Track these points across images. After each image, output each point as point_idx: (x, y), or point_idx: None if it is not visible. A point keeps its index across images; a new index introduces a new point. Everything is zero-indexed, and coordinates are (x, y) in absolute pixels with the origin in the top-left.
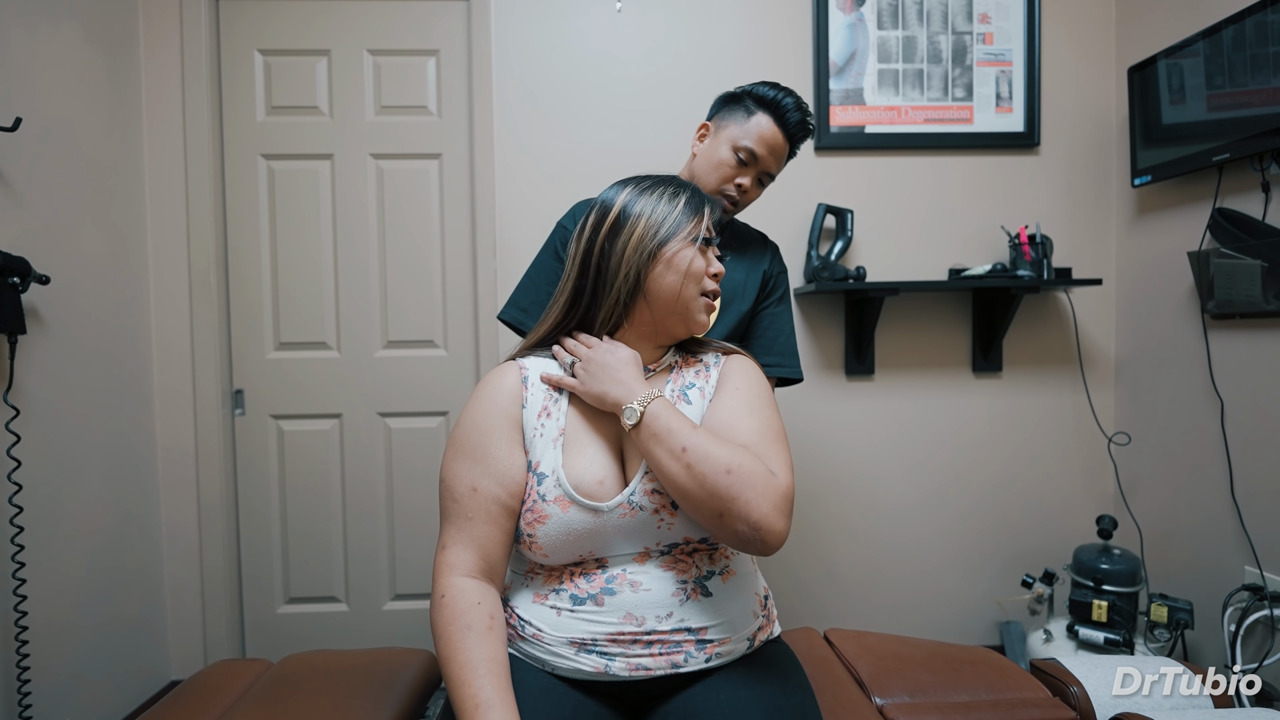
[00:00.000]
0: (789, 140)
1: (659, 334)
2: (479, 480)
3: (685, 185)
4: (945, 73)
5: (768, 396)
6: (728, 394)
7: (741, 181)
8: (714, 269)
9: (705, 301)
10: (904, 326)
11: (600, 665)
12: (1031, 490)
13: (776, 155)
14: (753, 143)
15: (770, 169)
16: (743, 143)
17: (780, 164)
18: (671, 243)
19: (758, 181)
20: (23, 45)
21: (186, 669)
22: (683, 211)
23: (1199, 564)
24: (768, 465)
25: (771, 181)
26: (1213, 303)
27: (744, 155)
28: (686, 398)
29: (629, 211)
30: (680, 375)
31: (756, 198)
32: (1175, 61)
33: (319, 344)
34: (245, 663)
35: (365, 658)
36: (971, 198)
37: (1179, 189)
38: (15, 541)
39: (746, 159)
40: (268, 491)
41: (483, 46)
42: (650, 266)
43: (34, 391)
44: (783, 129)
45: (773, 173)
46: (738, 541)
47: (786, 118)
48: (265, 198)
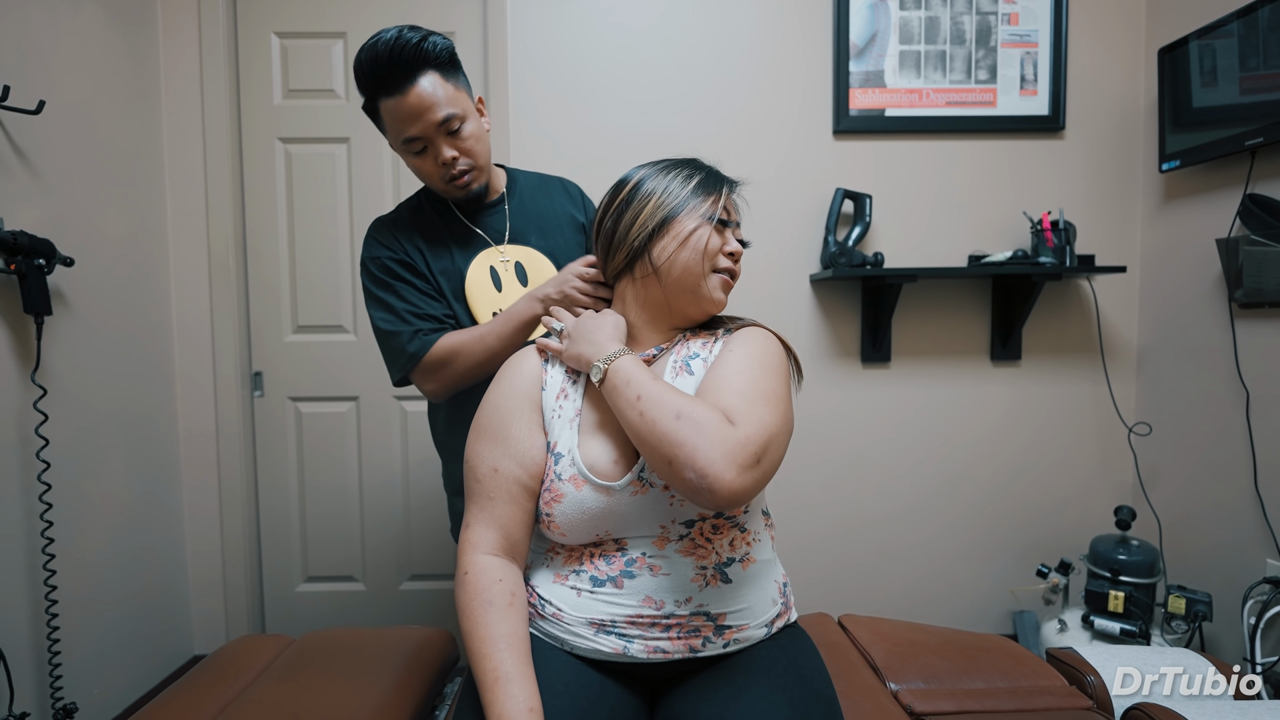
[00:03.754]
0: (408, 74)
1: (673, 314)
2: (500, 461)
3: (703, 167)
4: (968, 54)
5: (766, 360)
6: (723, 356)
7: (444, 159)
8: (730, 247)
9: (721, 279)
10: (921, 314)
11: (619, 646)
12: (1048, 480)
13: (425, 106)
14: (404, 130)
15: (440, 118)
16: (399, 139)
17: (443, 99)
18: (680, 218)
19: (451, 135)
20: (44, 28)
21: (209, 644)
22: (695, 189)
23: (1219, 556)
24: (729, 415)
25: (465, 118)
26: (1241, 291)
27: (414, 146)
28: (689, 368)
29: (639, 189)
30: (686, 346)
31: (478, 139)
32: (1207, 42)
33: (336, 327)
34: (268, 638)
35: (385, 635)
36: (993, 183)
37: (1208, 174)
38: (44, 518)
39: (420, 145)
40: (286, 472)
41: (498, 28)
42: (655, 240)
43: (60, 372)
44: (395, 84)
45: (447, 116)
46: (687, 490)
47: (381, 71)
48: (283, 181)
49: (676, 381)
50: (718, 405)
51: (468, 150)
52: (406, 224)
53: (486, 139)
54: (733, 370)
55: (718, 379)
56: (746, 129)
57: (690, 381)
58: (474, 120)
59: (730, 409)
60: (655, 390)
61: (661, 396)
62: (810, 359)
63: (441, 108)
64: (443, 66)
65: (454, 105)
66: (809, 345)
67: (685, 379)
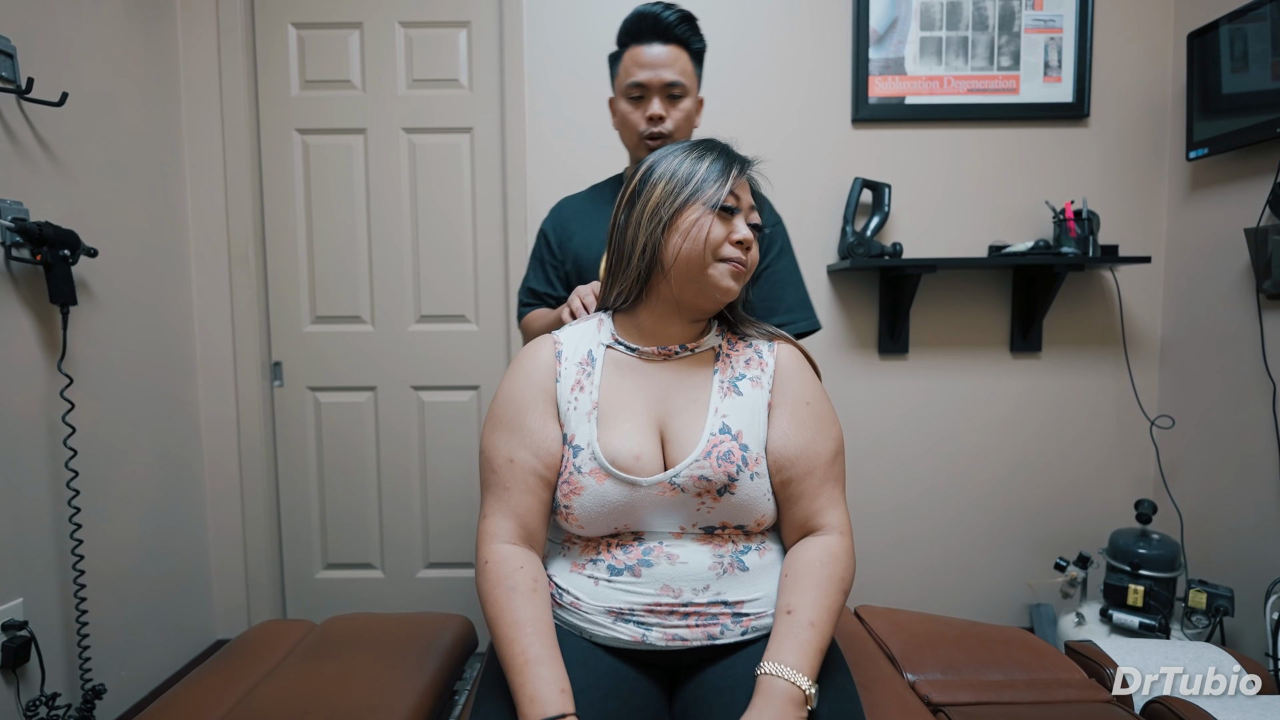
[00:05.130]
0: (662, 38)
1: (681, 309)
2: (515, 452)
3: (715, 147)
4: (991, 40)
5: (825, 397)
6: (797, 408)
7: (652, 113)
8: (737, 235)
9: (730, 267)
10: (940, 305)
11: (637, 634)
12: (1067, 474)
13: (662, 64)
14: (633, 74)
15: (668, 80)
16: (625, 82)
17: (677, 67)
18: (688, 209)
19: (670, 100)
20: (67, 20)
21: (232, 629)
22: (705, 175)
23: (1242, 551)
24: (840, 536)
25: (686, 94)
26: (1269, 282)
27: (634, 91)
28: (737, 389)
29: (647, 178)
30: (729, 365)
31: (687, 119)
32: (1239, 27)
33: (354, 318)
34: (291, 623)
35: (406, 621)
36: (1015, 172)
37: (1237, 162)
38: (71, 504)
39: (639, 93)
40: (306, 461)
41: (514, 17)
42: (666, 236)
43: (86, 361)
44: (647, 38)
45: (674, 81)
46: None
47: (643, 26)
48: (300, 172)
49: (725, 403)
50: (816, 517)
51: (681, 120)
52: (576, 205)
53: (690, 128)
54: (817, 432)
55: (807, 445)
56: (764, 117)
57: (740, 402)
58: (692, 101)
59: (832, 523)
60: (822, 619)
61: (831, 608)
62: (827, 351)
63: (674, 72)
64: (692, 52)
65: (685, 78)
66: (826, 337)
67: (735, 399)
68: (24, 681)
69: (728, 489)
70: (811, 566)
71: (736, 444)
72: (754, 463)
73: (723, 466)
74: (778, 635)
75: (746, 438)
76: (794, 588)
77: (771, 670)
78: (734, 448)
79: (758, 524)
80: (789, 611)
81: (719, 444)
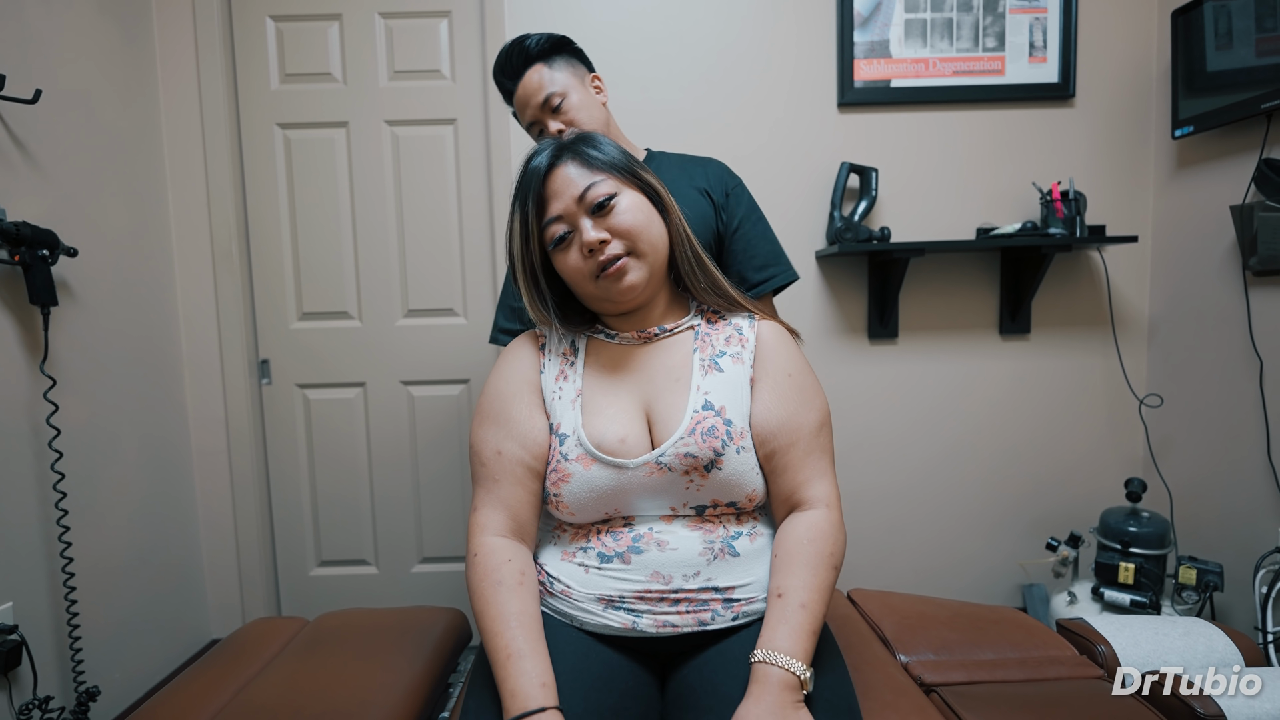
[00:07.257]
0: (516, 75)
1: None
2: (503, 444)
3: (521, 184)
4: (976, 21)
5: (808, 369)
6: (779, 380)
7: (548, 131)
8: (586, 238)
9: (608, 277)
10: (929, 288)
11: (628, 622)
12: (1057, 454)
13: (530, 93)
14: (521, 119)
15: (541, 100)
16: (523, 124)
17: (542, 85)
18: (545, 258)
19: (553, 113)
20: (39, 16)
21: (225, 628)
22: (521, 230)
23: (1231, 527)
24: (828, 510)
25: (565, 94)
26: (1255, 259)
27: (531, 131)
28: (718, 366)
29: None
30: (708, 343)
31: (580, 115)
32: (1222, 3)
33: (341, 314)
34: (284, 620)
35: (399, 616)
36: (1002, 153)
37: (1222, 140)
38: (59, 506)
39: (533, 130)
40: (296, 459)
41: (495, 6)
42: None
43: (69, 363)
44: (510, 84)
45: (546, 98)
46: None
47: (504, 78)
48: (283, 167)
49: (706, 380)
50: (802, 489)
51: (570, 121)
52: None
53: (596, 109)
54: (800, 402)
55: (790, 417)
56: (750, 104)
57: (721, 379)
58: (578, 93)
59: (819, 496)
60: (813, 600)
61: (822, 588)
62: (816, 336)
63: (541, 91)
64: (544, 56)
65: (553, 85)
66: (815, 322)
67: (715, 376)
68: (16, 686)
69: (714, 464)
70: (800, 545)
71: (720, 419)
72: (739, 437)
73: (708, 442)
74: (770, 620)
75: (730, 412)
76: (784, 569)
77: (766, 658)
78: (718, 423)
79: (749, 499)
80: (780, 594)
81: (702, 420)
